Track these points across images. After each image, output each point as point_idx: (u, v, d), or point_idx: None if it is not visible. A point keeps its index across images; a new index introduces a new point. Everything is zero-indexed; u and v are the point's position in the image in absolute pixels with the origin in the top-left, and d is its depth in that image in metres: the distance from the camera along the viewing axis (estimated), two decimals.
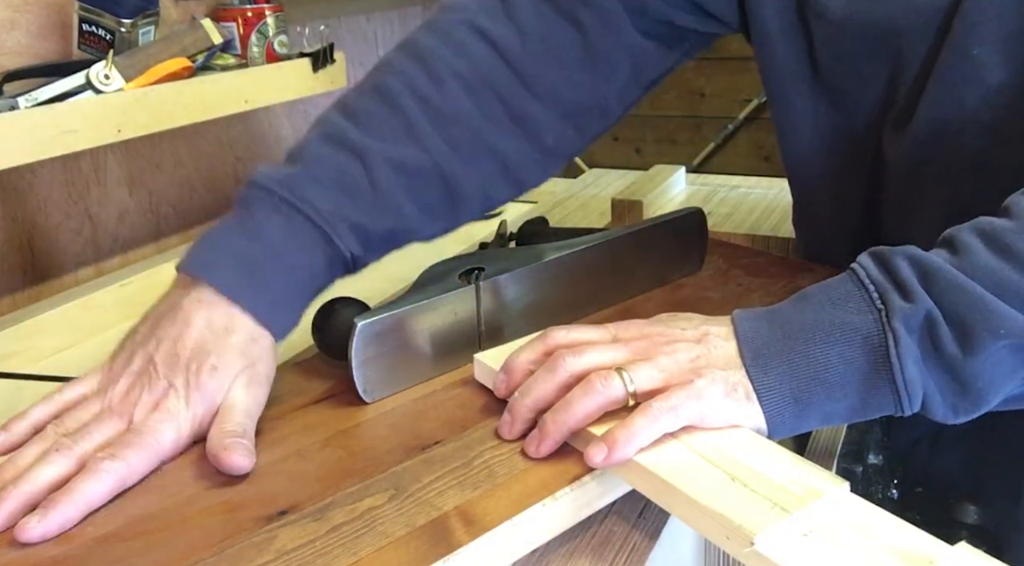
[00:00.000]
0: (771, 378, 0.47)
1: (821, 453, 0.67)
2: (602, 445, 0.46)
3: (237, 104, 0.86)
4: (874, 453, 0.74)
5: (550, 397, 0.49)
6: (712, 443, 0.46)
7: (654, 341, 0.50)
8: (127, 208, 0.91)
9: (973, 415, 0.47)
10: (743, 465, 0.44)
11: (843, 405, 0.47)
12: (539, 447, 0.48)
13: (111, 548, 0.44)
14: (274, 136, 1.09)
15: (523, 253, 0.66)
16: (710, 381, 0.47)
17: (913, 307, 0.45)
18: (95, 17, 0.78)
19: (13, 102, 0.68)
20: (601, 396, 0.47)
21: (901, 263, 0.47)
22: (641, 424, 0.45)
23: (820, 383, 0.47)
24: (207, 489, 0.48)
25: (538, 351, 0.52)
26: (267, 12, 0.91)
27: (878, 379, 0.46)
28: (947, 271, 0.46)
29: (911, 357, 0.45)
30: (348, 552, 0.42)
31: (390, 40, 1.31)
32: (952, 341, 0.45)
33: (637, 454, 0.45)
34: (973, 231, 0.48)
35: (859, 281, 0.48)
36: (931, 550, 0.39)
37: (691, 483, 0.43)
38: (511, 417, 0.51)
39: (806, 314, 0.49)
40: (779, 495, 0.41)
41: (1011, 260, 0.45)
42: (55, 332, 0.74)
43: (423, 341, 0.58)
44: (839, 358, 0.46)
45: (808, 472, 0.44)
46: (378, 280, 0.82)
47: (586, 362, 0.49)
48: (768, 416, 0.47)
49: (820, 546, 0.39)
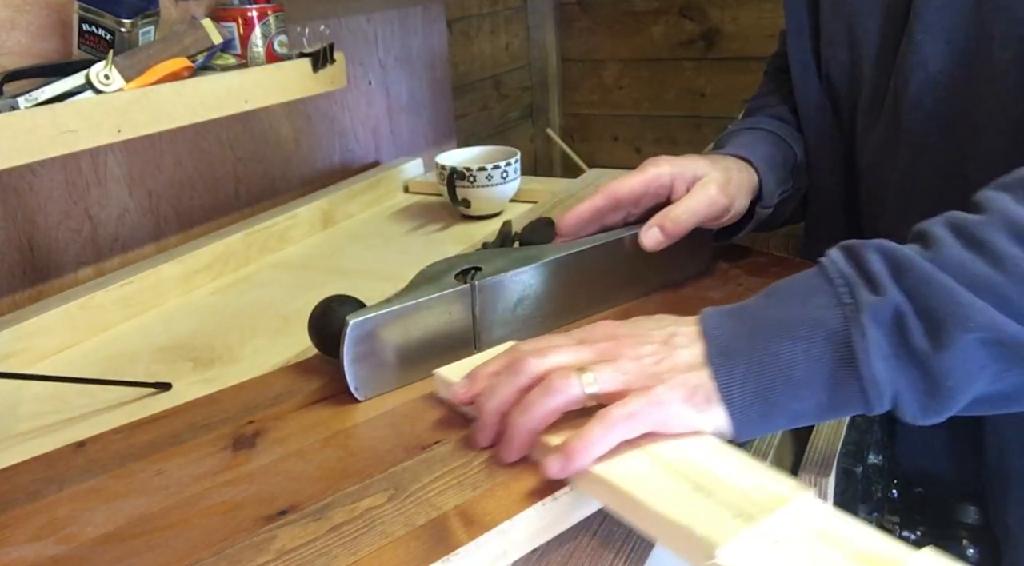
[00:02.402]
0: (735, 376, 0.46)
1: (821, 453, 0.67)
2: (558, 455, 0.45)
3: (237, 104, 0.86)
4: (874, 453, 0.74)
5: (512, 400, 0.48)
6: (675, 450, 0.45)
7: (619, 343, 0.49)
8: (127, 208, 0.91)
9: (942, 415, 0.45)
10: (707, 473, 0.43)
11: (811, 404, 0.46)
12: (506, 452, 0.48)
13: (111, 548, 0.44)
14: (274, 136, 1.09)
15: (522, 254, 0.66)
16: (670, 387, 0.46)
17: (882, 301, 0.44)
18: (95, 17, 0.78)
19: (13, 102, 0.68)
20: (560, 395, 0.46)
21: (872, 256, 0.46)
22: (597, 432, 0.44)
23: (785, 381, 0.45)
24: (207, 489, 0.48)
25: (502, 362, 0.51)
26: (267, 12, 0.91)
27: (845, 376, 0.45)
28: (918, 264, 0.45)
29: (879, 353, 0.44)
30: (348, 552, 0.42)
31: (390, 40, 1.31)
32: (922, 335, 0.44)
33: (596, 464, 0.44)
34: (944, 224, 0.47)
35: (827, 275, 0.47)
36: (899, 555, 0.38)
37: (652, 494, 0.42)
38: (480, 424, 0.50)
39: (773, 310, 0.48)
40: (743, 503, 0.40)
41: (982, 253, 0.44)
42: (55, 332, 0.74)
43: (417, 340, 0.58)
44: (804, 355, 0.45)
45: (773, 478, 0.42)
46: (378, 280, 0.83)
47: (548, 363, 0.48)
48: (733, 415, 0.46)
49: (786, 554, 0.38)
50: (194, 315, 0.81)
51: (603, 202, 0.67)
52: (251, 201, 1.07)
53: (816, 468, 0.65)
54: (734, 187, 0.68)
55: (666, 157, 0.69)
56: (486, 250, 0.69)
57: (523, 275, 0.63)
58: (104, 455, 0.54)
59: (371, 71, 1.28)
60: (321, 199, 1.05)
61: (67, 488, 0.50)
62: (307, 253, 0.97)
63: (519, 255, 0.65)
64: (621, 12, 1.89)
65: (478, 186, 1.01)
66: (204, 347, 0.73)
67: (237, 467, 0.50)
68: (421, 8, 1.38)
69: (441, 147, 1.44)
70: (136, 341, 0.76)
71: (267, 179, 1.09)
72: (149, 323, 0.80)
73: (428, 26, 1.41)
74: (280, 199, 1.10)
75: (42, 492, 0.50)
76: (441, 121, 1.48)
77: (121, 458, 0.53)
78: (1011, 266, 0.43)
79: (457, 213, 1.05)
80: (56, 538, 0.45)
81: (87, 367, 0.71)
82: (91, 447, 0.55)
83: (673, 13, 1.83)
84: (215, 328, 0.77)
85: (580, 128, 2.03)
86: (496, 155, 1.08)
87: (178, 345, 0.74)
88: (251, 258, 0.94)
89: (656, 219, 0.66)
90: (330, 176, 1.20)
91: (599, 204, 0.67)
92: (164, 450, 0.53)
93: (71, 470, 0.52)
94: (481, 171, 1.00)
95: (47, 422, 0.61)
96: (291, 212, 1.00)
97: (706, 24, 1.81)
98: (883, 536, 0.39)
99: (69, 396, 0.64)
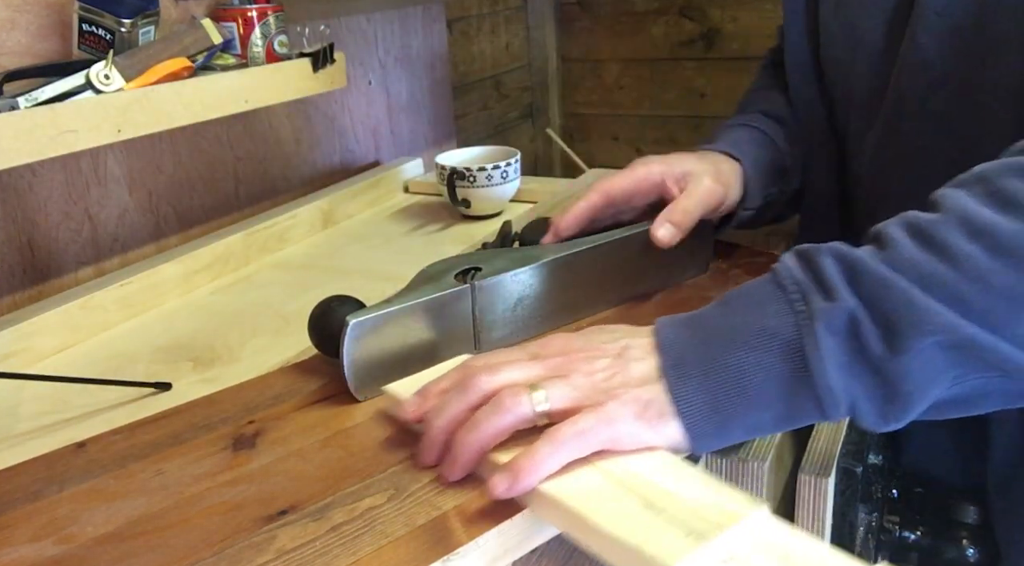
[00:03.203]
0: (689, 388, 0.45)
1: (821, 453, 0.67)
2: (505, 474, 0.43)
3: (237, 104, 0.86)
4: (874, 453, 0.74)
5: (461, 418, 0.47)
6: (627, 467, 0.44)
7: (572, 358, 0.48)
8: (127, 208, 0.91)
9: (902, 421, 0.44)
10: (659, 490, 0.42)
11: (768, 415, 0.45)
12: (450, 470, 0.47)
13: (111, 548, 0.44)
14: (274, 136, 1.09)
15: (522, 253, 0.66)
16: (622, 403, 0.45)
17: (835, 307, 0.43)
18: (95, 17, 0.78)
19: (13, 102, 0.68)
20: (509, 414, 0.45)
21: (826, 261, 0.45)
22: (546, 451, 0.43)
23: (740, 392, 0.44)
24: (207, 489, 0.48)
25: (454, 378, 0.50)
26: (267, 12, 0.91)
27: (800, 386, 0.44)
28: (873, 267, 0.44)
29: (833, 361, 0.43)
30: (348, 552, 0.42)
31: (390, 40, 1.31)
32: (878, 340, 0.43)
33: (546, 482, 0.43)
34: (900, 224, 0.46)
35: (780, 282, 0.46)
36: None
37: (602, 513, 0.41)
38: (426, 441, 0.49)
39: (727, 319, 0.47)
40: (695, 521, 0.39)
41: (937, 252, 0.43)
42: (55, 332, 0.74)
43: (417, 340, 0.58)
44: (758, 365, 0.44)
45: (726, 495, 0.41)
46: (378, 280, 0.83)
47: (499, 381, 0.47)
48: (687, 429, 0.45)
49: None
50: (194, 315, 0.81)
51: (599, 200, 0.69)
52: (251, 201, 1.07)
53: (816, 468, 0.65)
54: (726, 177, 0.70)
55: (655, 156, 0.71)
56: (486, 250, 0.69)
57: (523, 275, 0.63)
58: (104, 455, 0.54)
59: (371, 71, 1.28)
60: (321, 199, 1.05)
61: (67, 488, 0.50)
62: (307, 253, 0.97)
63: (519, 255, 0.65)
64: (621, 12, 1.89)
65: (478, 186, 1.01)
66: (204, 347, 0.73)
67: (237, 467, 0.50)
68: (421, 8, 1.38)
69: (441, 147, 1.44)
70: (136, 341, 0.76)
71: (267, 179, 1.09)
72: (149, 323, 0.80)
73: (428, 26, 1.41)
74: (280, 199, 1.10)
75: (42, 492, 0.50)
76: (441, 121, 1.48)
77: (121, 458, 0.53)
78: (967, 265, 0.42)
79: (457, 213, 1.05)
80: (56, 538, 0.45)
81: (87, 367, 0.71)
82: (91, 447, 0.55)
83: (673, 13, 1.83)
84: (215, 328, 0.77)
85: (580, 128, 2.03)
86: (496, 155, 1.08)
87: (178, 345, 0.74)
88: (251, 258, 0.94)
89: (665, 214, 0.67)
90: (330, 176, 1.20)
91: (595, 202, 0.69)
92: (164, 450, 0.53)
93: (71, 470, 0.52)
94: (481, 171, 1.00)
95: (47, 422, 0.61)
96: (291, 212, 1.00)
97: (706, 24, 1.80)
98: (837, 553, 0.38)
99: (69, 396, 0.64)
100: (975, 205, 0.44)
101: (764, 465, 0.61)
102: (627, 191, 0.69)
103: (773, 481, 0.64)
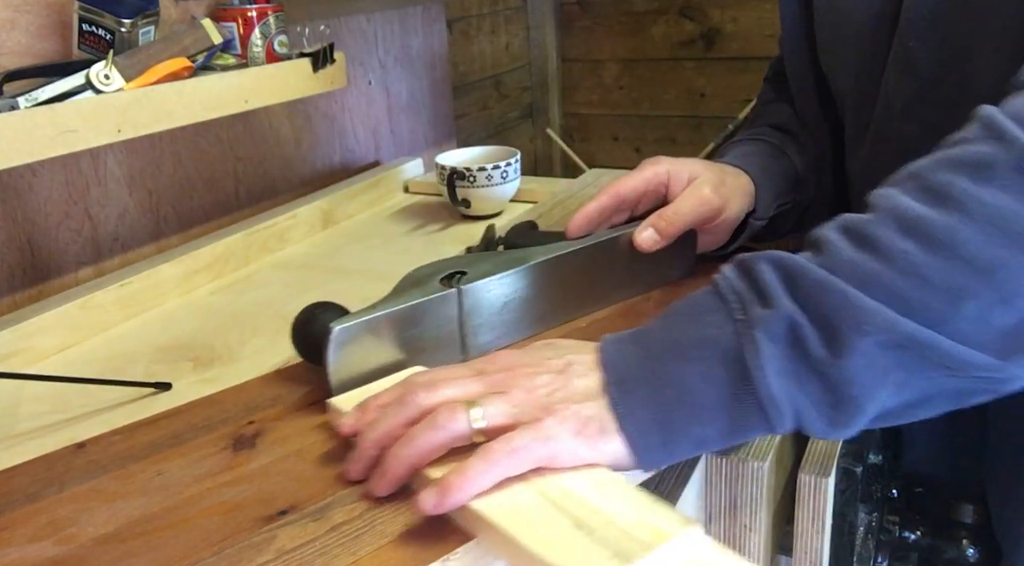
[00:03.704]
0: (633, 404, 0.44)
1: (821, 453, 0.67)
2: (433, 490, 0.42)
3: (237, 104, 0.86)
4: (874, 453, 0.74)
5: (396, 433, 0.46)
6: (562, 485, 0.43)
7: (514, 373, 0.47)
8: (127, 208, 0.91)
9: (851, 428, 0.44)
10: (590, 508, 0.41)
11: (713, 428, 0.44)
12: (378, 484, 0.46)
13: (111, 548, 0.44)
14: (274, 136, 1.09)
15: (507, 257, 0.65)
16: (560, 420, 0.44)
17: (774, 313, 0.43)
18: (95, 17, 0.78)
19: (13, 102, 0.68)
20: (444, 431, 0.44)
21: (763, 268, 0.45)
22: (478, 468, 0.42)
23: (684, 406, 0.44)
24: (207, 489, 0.48)
25: (394, 393, 0.49)
26: (267, 12, 0.91)
27: (743, 397, 0.43)
28: (810, 271, 0.43)
29: (774, 369, 0.42)
30: (348, 552, 0.42)
31: (390, 40, 1.31)
32: (819, 344, 0.42)
33: (477, 499, 0.42)
34: (835, 227, 0.46)
35: (719, 292, 0.46)
36: None
37: (531, 533, 0.40)
38: (355, 453, 0.48)
39: (668, 332, 0.46)
40: (623, 541, 0.38)
41: (873, 251, 0.43)
42: (55, 332, 0.74)
43: (402, 346, 0.58)
44: (700, 378, 0.44)
45: (658, 513, 0.40)
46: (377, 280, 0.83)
47: (438, 397, 0.46)
48: (633, 445, 0.44)
49: None
50: (194, 315, 0.81)
51: (609, 201, 0.68)
52: (251, 201, 1.07)
53: (816, 468, 0.65)
54: (728, 189, 0.69)
55: (664, 157, 0.70)
56: (471, 254, 0.68)
57: (508, 278, 0.63)
58: (104, 456, 0.54)
59: (371, 71, 1.28)
60: (321, 199, 1.05)
61: (67, 489, 0.50)
62: (307, 253, 0.97)
63: (504, 258, 0.65)
64: (621, 12, 1.89)
65: (478, 186, 1.01)
66: (204, 347, 0.73)
67: (237, 467, 0.50)
68: (421, 8, 1.38)
69: (441, 147, 1.44)
70: (136, 341, 0.76)
71: (267, 179, 1.09)
72: (149, 323, 0.80)
73: (428, 26, 1.41)
74: (280, 199, 1.10)
75: (42, 493, 0.50)
76: (441, 121, 1.48)
77: (121, 459, 0.53)
78: (902, 261, 0.42)
79: (457, 213, 1.05)
80: (56, 539, 0.45)
81: (87, 367, 0.71)
82: (91, 448, 0.55)
83: (673, 13, 1.83)
84: (215, 328, 0.77)
85: (580, 128, 2.03)
86: (496, 155, 1.08)
87: (178, 345, 0.74)
88: (251, 258, 0.94)
89: (651, 219, 0.67)
90: (330, 176, 1.20)
91: (605, 203, 0.68)
92: (164, 451, 0.53)
93: (71, 471, 0.52)
94: (481, 171, 1.00)
95: (47, 422, 0.61)
96: (291, 212, 1.00)
97: (706, 24, 1.80)
98: None
99: (69, 396, 0.64)
100: (908, 201, 0.44)
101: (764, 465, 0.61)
102: (638, 190, 0.69)
103: (773, 481, 0.64)
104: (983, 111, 0.45)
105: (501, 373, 0.48)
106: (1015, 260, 0.40)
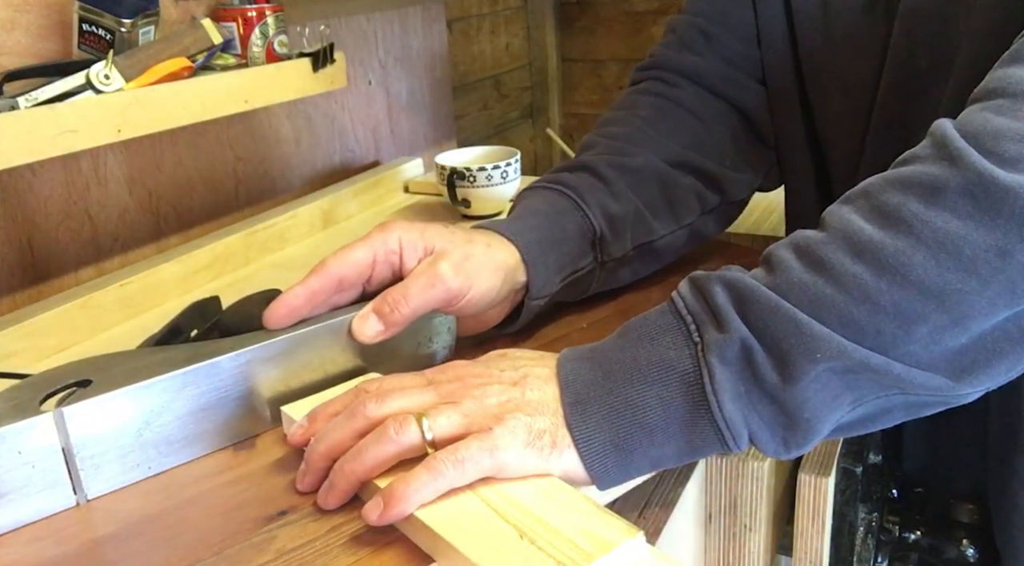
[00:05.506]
0: (590, 425, 0.44)
1: (821, 453, 0.67)
2: (378, 500, 0.42)
3: (237, 104, 0.86)
4: (874, 453, 0.74)
5: (345, 445, 0.45)
6: (508, 494, 0.43)
7: (466, 384, 0.46)
8: (127, 208, 0.91)
9: (805, 448, 0.44)
10: (536, 518, 0.41)
11: (669, 449, 0.44)
12: (327, 498, 0.45)
13: (111, 548, 0.44)
14: (274, 136, 1.09)
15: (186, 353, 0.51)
16: (509, 430, 0.43)
17: (727, 338, 0.43)
18: (95, 17, 0.78)
19: (13, 102, 0.68)
20: (393, 443, 0.43)
21: (716, 289, 0.45)
22: (424, 479, 0.42)
23: (640, 427, 0.44)
24: (207, 489, 0.48)
25: (344, 401, 0.48)
26: (267, 12, 0.91)
27: (699, 418, 0.43)
28: (761, 293, 0.43)
29: (728, 393, 0.43)
30: (348, 552, 0.42)
31: (390, 40, 1.31)
32: (771, 369, 0.42)
33: (423, 509, 0.42)
34: (788, 246, 0.45)
35: (677, 312, 0.46)
36: None
37: (474, 542, 0.39)
38: (305, 466, 0.47)
39: (625, 351, 0.46)
40: (567, 551, 0.38)
41: (824, 273, 0.42)
42: (55, 332, 0.74)
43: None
44: (657, 399, 0.44)
45: (603, 522, 0.40)
46: None
47: (388, 408, 0.45)
48: (589, 466, 0.44)
49: None
50: None
51: (319, 283, 0.54)
52: (251, 201, 1.07)
53: (816, 468, 0.65)
54: (473, 265, 0.56)
55: (398, 223, 0.58)
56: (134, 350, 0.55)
57: (144, 391, 0.47)
58: None
59: (371, 71, 1.28)
60: (321, 199, 1.05)
61: None
62: (307, 253, 0.97)
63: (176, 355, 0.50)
64: (621, 12, 1.89)
65: (478, 186, 1.01)
66: None
67: (237, 467, 0.50)
68: (421, 8, 1.38)
69: (441, 147, 1.44)
70: (136, 341, 0.76)
71: (267, 179, 1.09)
72: (149, 323, 0.80)
73: (428, 26, 1.41)
74: (280, 199, 1.10)
75: None
76: (441, 121, 1.48)
77: None
78: (853, 286, 0.41)
79: (457, 213, 1.05)
80: (56, 538, 0.45)
81: None
82: None
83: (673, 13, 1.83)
84: None
85: (580, 128, 2.03)
86: (496, 155, 1.08)
87: None
88: (251, 258, 0.94)
89: (374, 304, 0.55)
90: (330, 176, 1.20)
91: (315, 287, 0.54)
92: None
93: None
94: (481, 171, 1.00)
95: None
96: (291, 212, 1.00)
97: None
98: None
99: None
100: (859, 222, 0.43)
101: (764, 465, 0.62)
102: (361, 265, 0.55)
103: (773, 481, 0.64)
104: (938, 128, 0.44)
105: (453, 383, 0.47)
106: (965, 284, 0.40)
